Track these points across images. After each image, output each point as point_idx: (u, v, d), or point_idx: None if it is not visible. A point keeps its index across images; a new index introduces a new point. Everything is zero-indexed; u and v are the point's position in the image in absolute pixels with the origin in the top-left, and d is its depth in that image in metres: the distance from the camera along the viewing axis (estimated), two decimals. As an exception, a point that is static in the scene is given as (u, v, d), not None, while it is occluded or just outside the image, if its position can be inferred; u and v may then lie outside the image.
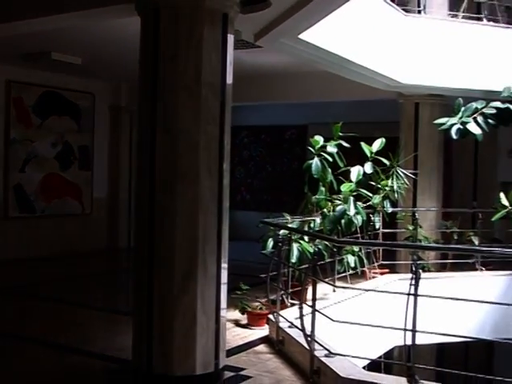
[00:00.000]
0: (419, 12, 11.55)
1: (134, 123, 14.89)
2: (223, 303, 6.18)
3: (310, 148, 9.08)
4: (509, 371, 11.35)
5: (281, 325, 7.43)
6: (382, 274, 11.09)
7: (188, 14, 5.88)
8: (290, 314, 7.64)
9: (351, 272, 9.82)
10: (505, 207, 10.62)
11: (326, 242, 8.75)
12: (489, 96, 11.07)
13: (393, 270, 11.35)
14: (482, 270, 11.79)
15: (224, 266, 6.14)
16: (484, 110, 10.69)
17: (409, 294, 5.43)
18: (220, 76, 6.03)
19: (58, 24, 7.67)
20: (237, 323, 8.46)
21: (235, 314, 8.59)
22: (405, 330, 5.47)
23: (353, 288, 9.25)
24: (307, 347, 6.40)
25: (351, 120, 10.89)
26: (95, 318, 8.91)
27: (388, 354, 9.64)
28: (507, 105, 10.71)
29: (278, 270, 7.87)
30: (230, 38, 6.17)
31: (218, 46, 6.01)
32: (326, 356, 6.21)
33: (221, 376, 6.19)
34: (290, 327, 7.28)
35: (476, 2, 12.27)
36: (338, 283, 9.19)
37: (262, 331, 8.08)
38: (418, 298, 5.40)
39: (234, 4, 6.13)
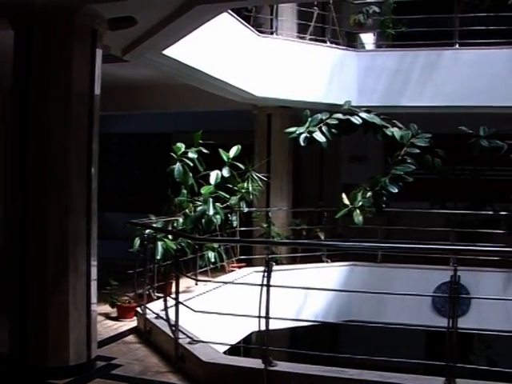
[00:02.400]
0: (272, 33, 11.78)
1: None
2: (94, 298, 6.10)
3: (172, 154, 9.06)
4: (350, 348, 11.77)
5: (148, 316, 7.39)
6: (239, 267, 11.23)
7: (59, 30, 5.78)
8: (156, 306, 7.61)
9: (212, 266, 9.88)
10: (346, 206, 10.96)
11: (188, 240, 8.77)
12: (332, 108, 11.39)
13: (249, 263, 11.48)
14: (327, 261, 12.17)
15: (94, 263, 6.06)
16: (328, 121, 10.95)
17: (262, 285, 5.52)
18: (89, 87, 5.96)
19: None
20: (107, 316, 8.34)
21: (106, 308, 8.46)
22: (259, 317, 5.56)
23: (213, 281, 9.33)
24: (172, 336, 6.40)
25: (211, 129, 10.92)
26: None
27: (246, 340, 9.76)
28: (347, 116, 11.04)
29: (144, 267, 7.82)
30: (99, 53, 6.09)
31: (87, 60, 5.94)
32: (189, 343, 6.24)
33: (93, 365, 6.10)
34: (156, 318, 7.26)
35: (321, 26, 12.66)
36: (199, 277, 9.25)
37: (131, 323, 8.00)
38: (271, 287, 5.50)
39: (103, 21, 6.07)
